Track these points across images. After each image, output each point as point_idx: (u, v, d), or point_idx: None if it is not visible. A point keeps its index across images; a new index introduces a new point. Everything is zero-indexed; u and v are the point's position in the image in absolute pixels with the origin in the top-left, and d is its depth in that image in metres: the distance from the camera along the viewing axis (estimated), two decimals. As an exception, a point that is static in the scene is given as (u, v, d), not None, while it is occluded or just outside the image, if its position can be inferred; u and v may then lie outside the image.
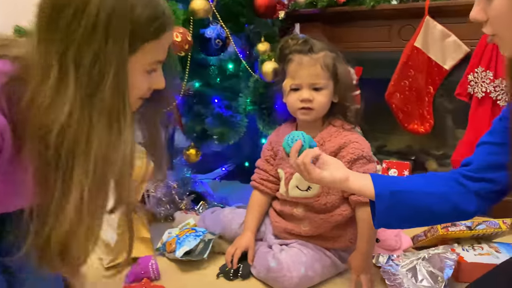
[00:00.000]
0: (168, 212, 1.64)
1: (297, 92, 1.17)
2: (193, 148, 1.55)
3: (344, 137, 1.18)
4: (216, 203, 1.69)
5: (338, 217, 1.20)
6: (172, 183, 1.67)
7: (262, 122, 1.39)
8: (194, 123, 1.50)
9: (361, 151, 1.16)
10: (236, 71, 1.77)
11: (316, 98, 1.16)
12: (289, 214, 1.25)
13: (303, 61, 1.15)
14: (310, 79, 1.15)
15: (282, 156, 1.25)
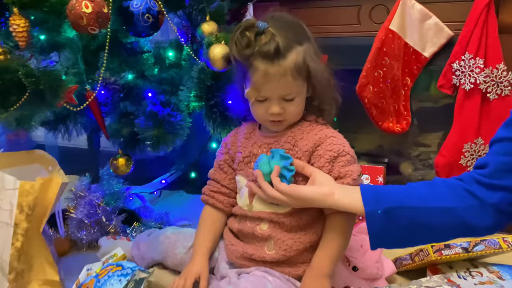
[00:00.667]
0: (92, 238, 1.30)
1: (264, 103, 0.92)
2: (122, 157, 1.21)
3: (318, 132, 0.94)
4: (154, 223, 1.37)
5: (313, 236, 0.94)
6: (97, 200, 1.32)
7: (212, 123, 1.08)
8: (121, 124, 1.16)
9: (341, 146, 0.92)
10: (178, 59, 1.46)
11: (288, 109, 0.92)
12: (250, 233, 0.96)
13: (270, 72, 0.87)
14: (280, 91, 0.90)
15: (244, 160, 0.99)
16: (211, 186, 1.05)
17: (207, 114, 1.09)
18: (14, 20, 0.87)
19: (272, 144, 0.96)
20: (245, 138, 1.02)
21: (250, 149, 0.99)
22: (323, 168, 0.91)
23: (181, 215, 1.53)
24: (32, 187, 0.91)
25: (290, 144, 0.95)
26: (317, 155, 0.92)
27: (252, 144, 0.99)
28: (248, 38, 0.86)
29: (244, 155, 0.99)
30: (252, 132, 1.02)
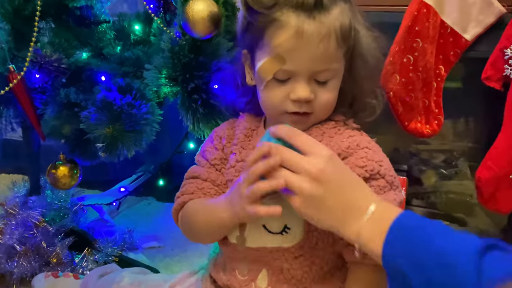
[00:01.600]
0: (27, 270, 0.96)
1: (286, 84, 0.61)
2: (64, 165, 0.87)
3: (347, 138, 0.65)
4: (111, 249, 1.04)
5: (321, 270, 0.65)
6: (35, 219, 0.99)
7: (191, 116, 0.76)
8: (63, 120, 0.83)
9: (376, 165, 0.63)
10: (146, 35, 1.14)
11: (319, 96, 0.62)
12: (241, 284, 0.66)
13: (306, 30, 0.57)
14: (315, 64, 0.60)
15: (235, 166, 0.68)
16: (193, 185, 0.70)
17: (183, 102, 0.77)
18: None
19: None
20: (244, 135, 0.70)
21: (247, 152, 0.68)
22: None
23: (150, 232, 1.23)
24: None
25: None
26: None
27: (253, 146, 0.68)
28: None
29: (238, 159, 0.68)
30: (255, 129, 0.70)
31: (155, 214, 1.37)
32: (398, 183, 0.65)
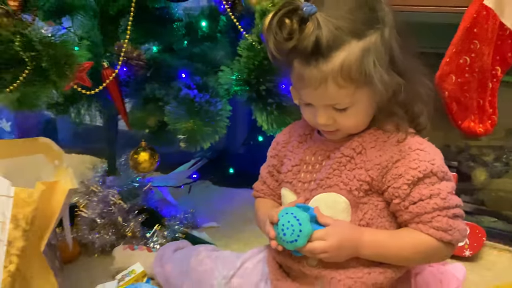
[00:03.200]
0: (106, 241, 1.09)
1: (311, 108, 0.70)
2: (145, 151, 0.98)
3: (402, 143, 0.70)
4: (178, 226, 1.15)
5: (380, 276, 0.72)
6: (112, 196, 1.11)
7: (266, 117, 0.84)
8: (147, 112, 0.93)
9: (430, 164, 0.68)
10: (212, 31, 1.21)
11: (339, 121, 0.70)
12: (297, 269, 0.75)
13: (304, 76, 0.65)
14: (321, 100, 0.67)
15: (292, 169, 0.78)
16: (263, 188, 0.86)
17: (257, 105, 0.85)
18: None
19: (332, 151, 0.74)
20: (298, 141, 0.80)
21: (301, 155, 0.76)
22: (398, 190, 0.68)
23: (209, 214, 1.32)
24: (30, 196, 0.69)
25: (355, 152, 0.72)
26: (395, 174, 0.69)
27: (305, 150, 0.77)
28: (291, 28, 0.61)
29: (294, 163, 0.77)
30: (309, 134, 0.78)
31: (212, 197, 1.47)
32: (449, 176, 0.71)
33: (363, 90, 0.65)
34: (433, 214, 0.67)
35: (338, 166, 0.72)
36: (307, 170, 0.76)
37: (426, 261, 0.79)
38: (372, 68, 0.63)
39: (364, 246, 0.70)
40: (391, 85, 0.66)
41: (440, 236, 0.68)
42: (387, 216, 0.72)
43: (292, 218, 0.68)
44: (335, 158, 0.72)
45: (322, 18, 0.61)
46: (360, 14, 0.63)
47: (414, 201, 0.68)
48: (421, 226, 0.68)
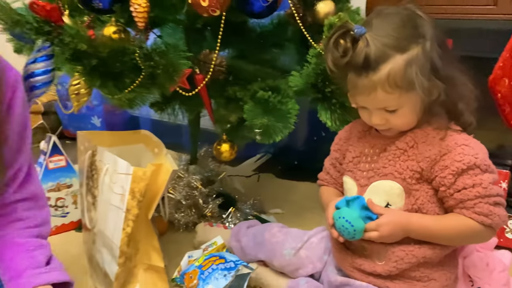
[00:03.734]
0: (189, 220, 1.29)
1: (366, 110, 0.83)
2: (226, 143, 1.16)
3: (447, 138, 0.81)
4: (249, 210, 1.33)
5: (428, 251, 0.83)
6: (195, 182, 1.30)
7: (330, 115, 0.98)
8: (228, 110, 1.11)
9: (473, 158, 0.78)
10: (281, 39, 1.36)
11: (391, 121, 0.82)
12: (357, 244, 0.88)
13: (358, 85, 0.78)
14: (373, 104, 0.80)
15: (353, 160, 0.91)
16: (326, 177, 0.99)
17: (323, 105, 0.99)
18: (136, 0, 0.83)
19: (387, 145, 0.86)
20: (358, 137, 0.93)
21: (361, 148, 0.90)
22: (444, 179, 0.79)
23: (274, 202, 1.48)
24: (144, 173, 0.89)
25: (408, 146, 0.83)
26: (442, 166, 0.80)
27: (364, 144, 0.90)
28: (345, 47, 0.75)
29: (354, 155, 0.91)
30: (368, 130, 0.91)
31: (275, 188, 1.63)
32: (492, 168, 0.80)
33: (409, 94, 0.77)
34: (475, 201, 0.78)
35: (393, 157, 0.85)
36: (366, 161, 0.89)
37: (468, 241, 0.89)
38: (414, 76, 0.75)
39: (412, 230, 0.81)
40: (433, 90, 0.77)
41: (481, 220, 0.78)
42: (436, 202, 0.83)
43: (345, 222, 0.81)
44: (390, 151, 0.85)
45: (371, 37, 0.74)
46: (404, 31, 0.76)
47: (458, 189, 0.79)
48: (465, 211, 0.79)
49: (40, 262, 0.74)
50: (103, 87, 0.93)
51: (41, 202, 0.81)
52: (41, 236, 0.78)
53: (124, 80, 0.92)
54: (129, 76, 0.92)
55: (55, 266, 0.76)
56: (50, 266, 0.75)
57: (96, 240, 1.00)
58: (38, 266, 0.73)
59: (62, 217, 1.26)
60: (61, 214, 1.26)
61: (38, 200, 0.80)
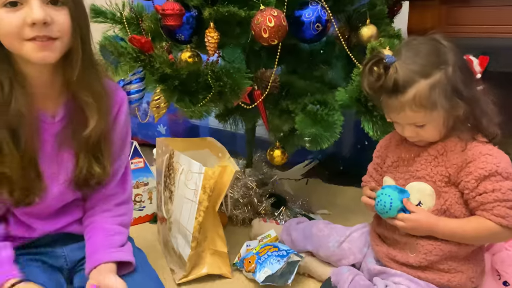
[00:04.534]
0: (245, 216, 1.47)
1: (399, 124, 0.98)
2: (278, 149, 1.34)
3: (473, 148, 0.94)
4: (298, 209, 1.49)
5: (454, 247, 0.96)
6: (251, 183, 1.49)
7: (372, 126, 1.13)
8: (281, 120, 1.29)
9: (495, 166, 0.91)
10: (329, 57, 1.53)
11: (420, 134, 0.96)
12: (391, 238, 1.02)
13: (390, 105, 0.94)
14: (404, 120, 0.95)
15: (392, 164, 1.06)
16: (369, 180, 1.13)
17: (366, 117, 1.14)
18: (209, 32, 1.03)
19: (421, 151, 1.00)
20: (396, 145, 1.07)
21: (398, 154, 1.04)
22: (468, 183, 0.92)
23: (320, 203, 1.63)
24: (213, 173, 1.08)
25: (438, 153, 0.97)
26: (467, 172, 0.92)
27: (401, 150, 1.04)
28: (378, 73, 0.91)
29: (393, 160, 1.05)
30: (405, 139, 1.05)
31: (322, 192, 1.78)
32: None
33: (434, 112, 0.91)
34: (493, 204, 0.90)
35: (425, 162, 0.99)
36: (403, 164, 1.03)
37: (488, 241, 1.00)
38: (437, 98, 0.89)
39: (438, 231, 0.95)
40: (456, 109, 0.91)
41: (498, 221, 0.90)
42: (462, 204, 0.96)
43: (387, 197, 0.96)
44: (423, 156, 0.99)
45: (399, 65, 0.89)
46: (428, 59, 0.90)
47: (479, 193, 0.91)
48: (484, 213, 0.92)
49: (115, 245, 0.90)
50: (180, 102, 1.14)
51: (128, 198, 1.00)
52: (123, 225, 0.96)
53: (198, 96, 1.12)
54: (202, 93, 1.12)
55: (125, 249, 0.91)
56: (121, 248, 0.91)
57: (172, 228, 1.20)
58: (111, 247, 0.89)
59: (139, 210, 1.49)
60: (139, 208, 1.49)
61: (127, 196, 0.99)
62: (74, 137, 0.85)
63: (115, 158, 0.93)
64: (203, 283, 1.15)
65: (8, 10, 0.71)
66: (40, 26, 0.71)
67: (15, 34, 0.72)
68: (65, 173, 0.87)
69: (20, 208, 0.86)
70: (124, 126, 0.93)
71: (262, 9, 1.02)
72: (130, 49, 1.02)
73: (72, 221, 0.94)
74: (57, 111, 0.85)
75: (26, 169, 0.81)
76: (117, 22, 1.32)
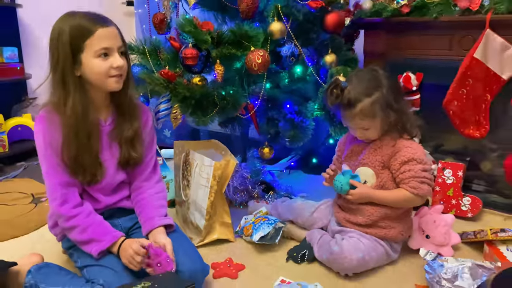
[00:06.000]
0: (243, 199, 1.91)
1: (352, 129, 1.43)
2: (267, 147, 1.78)
3: (399, 143, 1.39)
4: (283, 193, 1.94)
5: (388, 210, 1.41)
6: (246, 174, 1.93)
7: (333, 128, 1.58)
8: (269, 125, 1.73)
9: (412, 154, 1.36)
10: (303, 74, 1.97)
11: (366, 134, 1.41)
12: (346, 206, 1.47)
13: (345, 115, 1.38)
14: (355, 126, 1.39)
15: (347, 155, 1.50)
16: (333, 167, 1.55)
17: (331, 122, 1.59)
18: (218, 67, 1.47)
19: (365, 146, 1.45)
20: (349, 142, 1.52)
21: (352, 148, 1.49)
22: (395, 166, 1.38)
23: (300, 189, 2.07)
24: (221, 165, 1.52)
25: (377, 147, 1.42)
26: (395, 158, 1.38)
27: (353, 145, 1.49)
28: (337, 94, 1.35)
29: (347, 153, 1.50)
30: (356, 138, 1.50)
31: (303, 180, 2.23)
32: (425, 161, 1.37)
33: (375, 120, 1.36)
34: (409, 179, 1.36)
35: (368, 154, 1.43)
36: (354, 155, 1.48)
37: (407, 204, 1.43)
38: (376, 110, 1.34)
39: (374, 199, 1.39)
40: (388, 117, 1.36)
41: (412, 191, 1.35)
42: (393, 181, 1.41)
43: (338, 182, 1.41)
44: (367, 150, 1.44)
45: (351, 88, 1.34)
46: (369, 84, 1.35)
47: (401, 172, 1.37)
48: (404, 186, 1.37)
49: (162, 214, 1.33)
50: (193, 114, 1.57)
51: (161, 178, 1.42)
52: (163, 198, 1.39)
53: (207, 110, 1.56)
54: (210, 108, 1.55)
55: (168, 217, 1.34)
56: (166, 216, 1.34)
57: (190, 207, 1.64)
58: (160, 216, 1.32)
59: (159, 197, 1.91)
60: (159, 196, 1.91)
61: (159, 177, 1.41)
62: (119, 134, 1.27)
63: (147, 149, 1.35)
64: (214, 246, 1.59)
65: (101, 59, 1.14)
66: (119, 68, 1.15)
67: (104, 74, 1.15)
68: (115, 158, 1.29)
69: (90, 186, 1.27)
70: (151, 128, 1.37)
71: (252, 50, 1.46)
72: (161, 80, 1.45)
73: (123, 197, 1.36)
74: (107, 118, 1.28)
75: (93, 159, 1.23)
76: (141, 54, 1.75)
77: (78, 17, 1.13)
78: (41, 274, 1.21)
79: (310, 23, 1.65)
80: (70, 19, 1.14)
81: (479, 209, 1.75)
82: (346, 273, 1.37)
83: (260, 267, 1.45)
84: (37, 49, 2.93)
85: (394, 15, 1.85)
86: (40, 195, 2.07)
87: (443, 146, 2.00)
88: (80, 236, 1.21)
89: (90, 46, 1.12)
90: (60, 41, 1.12)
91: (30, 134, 2.66)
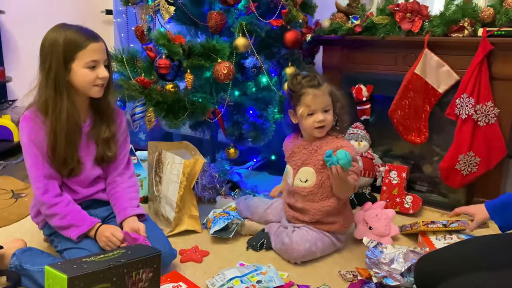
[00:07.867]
0: (211, 196, 2.09)
1: (312, 116, 1.58)
2: (232, 148, 1.98)
3: (337, 143, 1.59)
4: (248, 191, 2.13)
5: (329, 207, 1.61)
6: (214, 173, 2.11)
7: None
8: (234, 128, 1.93)
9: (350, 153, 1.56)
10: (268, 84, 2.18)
11: (327, 118, 1.57)
12: (294, 205, 1.67)
13: (316, 93, 1.55)
14: (322, 105, 1.56)
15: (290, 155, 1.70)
16: None
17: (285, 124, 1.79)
18: (187, 76, 1.66)
19: (307, 147, 1.63)
20: (292, 143, 1.71)
21: (294, 149, 1.69)
22: None
23: (265, 188, 2.27)
24: (190, 163, 1.70)
25: (317, 147, 1.61)
26: None
27: (295, 146, 1.68)
28: (301, 80, 1.55)
29: (291, 153, 1.70)
30: (296, 138, 1.70)
31: (267, 180, 2.42)
32: (356, 159, 1.57)
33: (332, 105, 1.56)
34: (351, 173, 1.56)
35: (309, 154, 1.63)
36: (296, 155, 1.67)
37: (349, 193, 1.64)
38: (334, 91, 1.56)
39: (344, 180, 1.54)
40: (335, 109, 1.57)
41: (354, 183, 1.54)
42: None
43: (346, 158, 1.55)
44: (308, 149, 1.64)
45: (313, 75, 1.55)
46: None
47: None
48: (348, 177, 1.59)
49: (134, 205, 1.50)
50: (166, 118, 1.75)
51: (133, 173, 1.59)
52: (136, 191, 1.56)
53: (178, 114, 1.74)
54: (181, 112, 1.74)
55: (140, 207, 1.52)
56: (138, 207, 1.51)
57: (161, 201, 1.81)
58: (133, 207, 1.49)
59: (134, 194, 2.07)
60: (133, 192, 2.07)
61: (132, 172, 1.58)
62: (96, 135, 1.44)
63: (121, 148, 1.52)
64: (183, 236, 1.76)
65: (89, 70, 1.31)
66: (104, 79, 1.33)
67: (91, 82, 1.33)
68: (92, 155, 1.45)
69: (69, 179, 1.43)
70: (125, 129, 1.54)
71: (219, 62, 1.66)
72: (137, 86, 1.63)
73: (99, 190, 1.52)
74: (86, 119, 1.44)
75: (73, 155, 1.39)
76: (119, 62, 1.92)
77: (73, 30, 1.30)
78: (25, 256, 1.36)
79: (271, 39, 1.86)
80: (64, 31, 1.30)
81: (419, 206, 1.98)
82: (296, 261, 1.56)
83: (223, 254, 1.63)
84: (18, 53, 3.05)
85: (348, 34, 2.08)
86: (20, 191, 2.20)
87: (392, 151, 2.24)
88: (61, 222, 1.37)
89: (81, 57, 1.29)
90: (55, 50, 1.28)
91: (9, 134, 2.77)
